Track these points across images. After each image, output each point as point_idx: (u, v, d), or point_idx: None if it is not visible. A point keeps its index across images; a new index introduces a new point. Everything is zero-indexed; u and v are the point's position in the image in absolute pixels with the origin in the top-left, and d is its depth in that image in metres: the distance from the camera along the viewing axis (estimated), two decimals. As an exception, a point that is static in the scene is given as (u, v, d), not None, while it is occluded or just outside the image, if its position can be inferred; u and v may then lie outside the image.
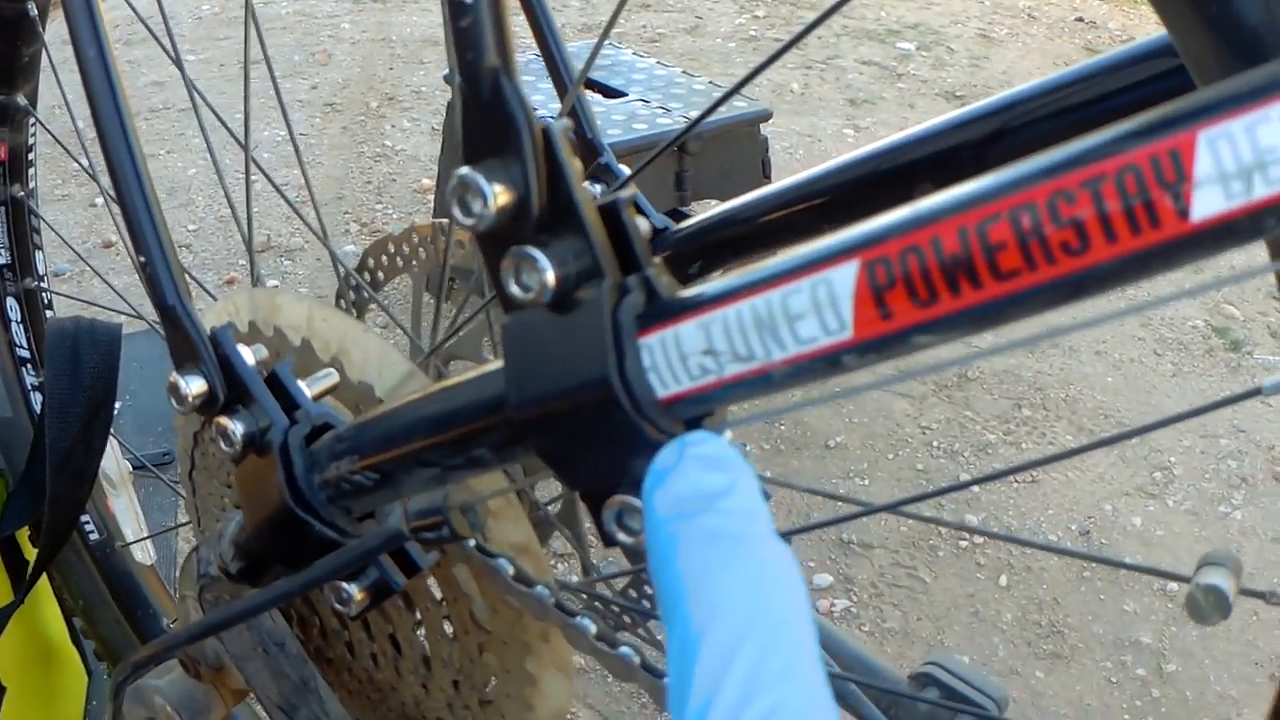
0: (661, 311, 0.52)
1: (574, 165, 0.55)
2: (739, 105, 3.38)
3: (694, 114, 3.28)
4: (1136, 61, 0.78)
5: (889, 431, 3.16)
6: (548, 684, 0.89)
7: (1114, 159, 0.40)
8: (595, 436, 0.55)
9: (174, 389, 0.81)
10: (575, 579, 1.82)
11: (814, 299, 0.46)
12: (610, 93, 3.50)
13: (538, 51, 1.10)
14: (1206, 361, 3.52)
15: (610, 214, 0.56)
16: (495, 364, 0.62)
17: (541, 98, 3.07)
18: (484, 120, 0.56)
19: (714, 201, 3.56)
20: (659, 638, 1.54)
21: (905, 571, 2.74)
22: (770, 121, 3.45)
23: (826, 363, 0.47)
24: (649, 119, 3.26)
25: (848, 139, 5.09)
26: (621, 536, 0.57)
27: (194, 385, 0.81)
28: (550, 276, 0.54)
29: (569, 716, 1.01)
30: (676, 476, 0.51)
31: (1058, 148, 0.42)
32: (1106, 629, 2.62)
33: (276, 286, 3.61)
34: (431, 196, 4.25)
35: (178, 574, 1.04)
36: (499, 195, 0.55)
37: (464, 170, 0.55)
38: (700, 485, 0.51)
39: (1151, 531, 2.91)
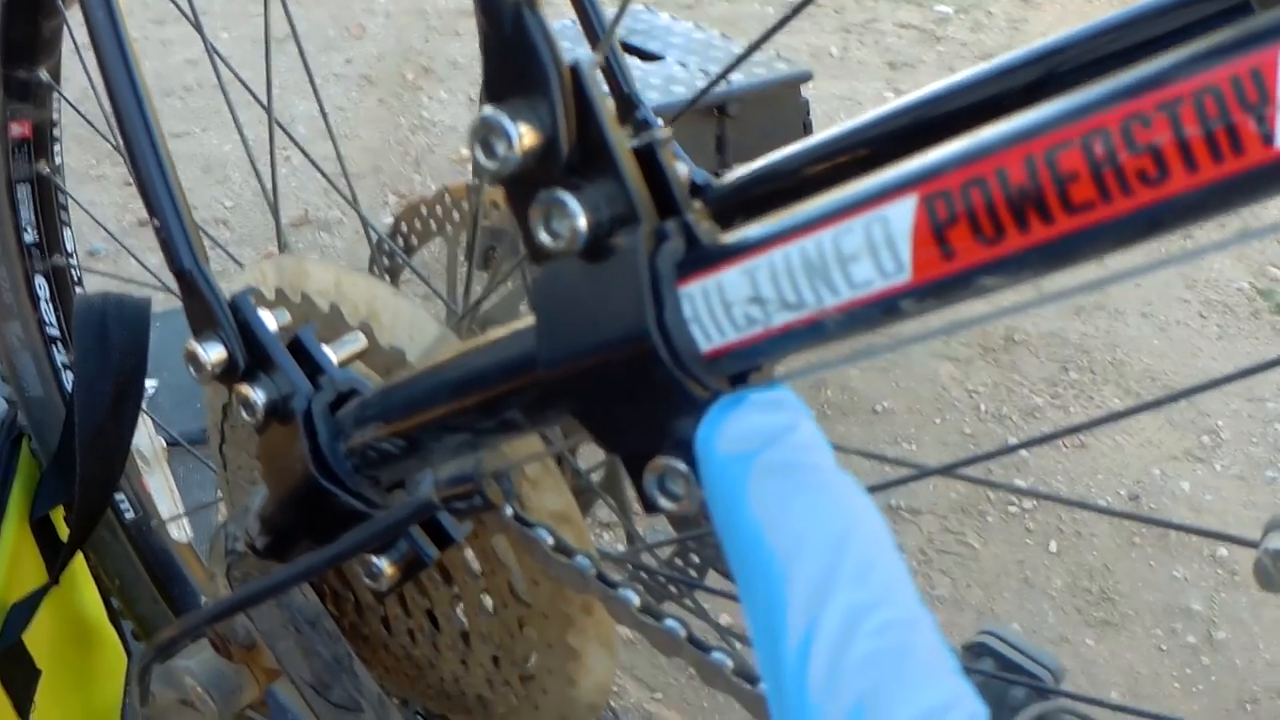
0: (703, 258, 0.49)
1: (605, 103, 0.52)
2: (779, 67, 3.34)
3: (734, 77, 3.25)
4: (1190, 3, 0.75)
5: (935, 395, 3.13)
6: (591, 658, 0.86)
7: (1191, 80, 0.36)
8: (634, 395, 0.52)
9: (192, 357, 0.78)
10: (620, 549, 1.80)
11: (869, 238, 0.43)
12: (647, 56, 3.46)
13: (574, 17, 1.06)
14: (1252, 324, 3.47)
15: (646, 156, 0.52)
16: (526, 321, 0.59)
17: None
18: (506, 56, 0.52)
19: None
20: (706, 607, 1.51)
21: (954, 538, 2.71)
22: (809, 85, 3.41)
23: (883, 308, 0.44)
24: (687, 82, 3.22)
25: (888, 102, 5.06)
26: (664, 502, 0.54)
27: (213, 352, 0.78)
28: (582, 222, 0.50)
29: (614, 689, 0.98)
30: (736, 418, 0.49)
31: (1129, 69, 0.38)
32: (1157, 595, 2.59)
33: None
34: (469, 166, 4.23)
35: (208, 551, 1.02)
36: (525, 136, 0.51)
37: (487, 110, 0.51)
38: (763, 424, 0.49)
39: (1200, 496, 2.87)
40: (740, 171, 0.93)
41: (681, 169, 0.87)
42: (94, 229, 3.16)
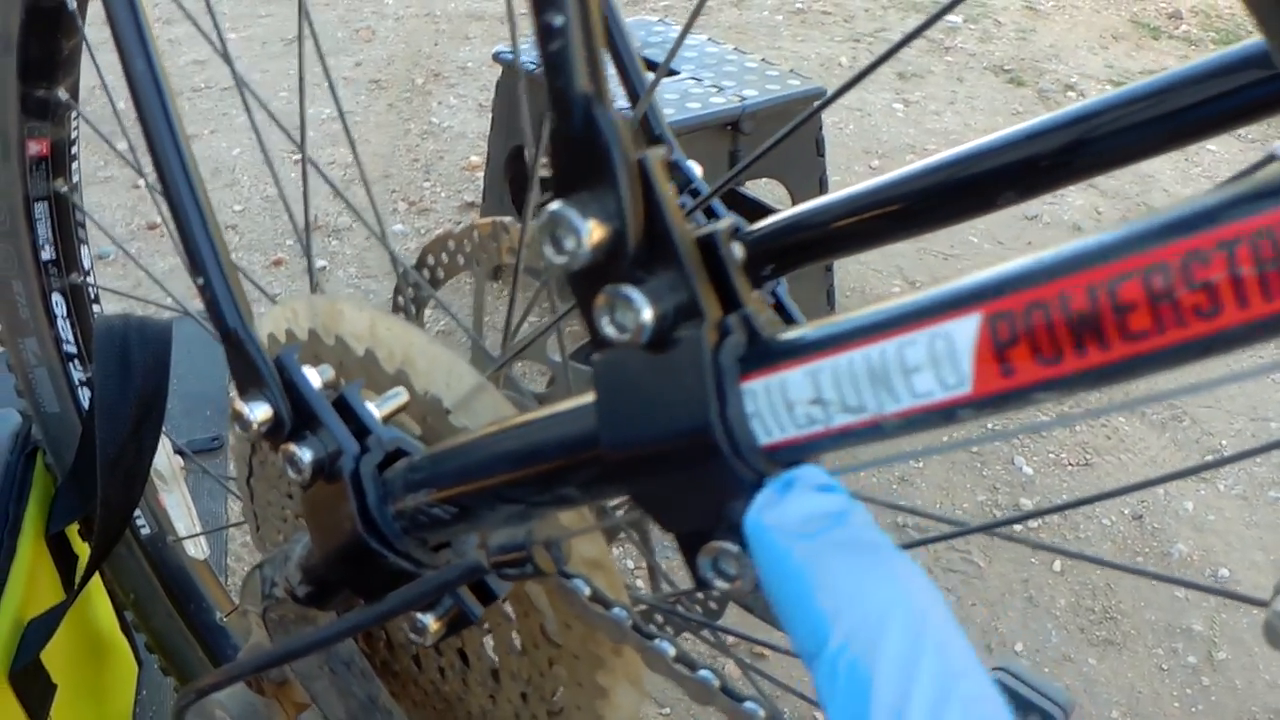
0: (766, 355, 0.50)
1: (670, 197, 0.53)
2: (793, 83, 3.35)
3: (748, 93, 3.26)
4: (1223, 72, 0.76)
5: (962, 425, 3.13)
6: (619, 695, 0.87)
7: (1250, 220, 0.37)
8: (692, 480, 0.53)
9: (238, 416, 0.79)
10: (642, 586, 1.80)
11: (932, 352, 0.44)
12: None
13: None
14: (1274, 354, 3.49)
15: (707, 247, 0.53)
16: (583, 399, 0.60)
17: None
18: (576, 151, 0.53)
19: (768, 180, 3.54)
20: (729, 645, 1.52)
21: (960, 555, 2.72)
22: (823, 97, 3.42)
23: (942, 416, 0.45)
24: (702, 98, 3.23)
25: (897, 113, 5.07)
26: (719, 582, 0.55)
27: (259, 412, 0.79)
28: (648, 316, 0.51)
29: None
30: (794, 500, 0.50)
31: (1189, 201, 0.39)
32: (1159, 615, 2.60)
33: (330, 289, 3.60)
34: (480, 174, 4.23)
35: (233, 581, 1.03)
36: (593, 231, 0.52)
37: (555, 205, 0.52)
38: (822, 506, 0.50)
39: (1203, 516, 2.88)
40: (772, 219, 0.94)
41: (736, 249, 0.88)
42: (103, 233, 3.17)
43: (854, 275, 3.78)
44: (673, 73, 3.44)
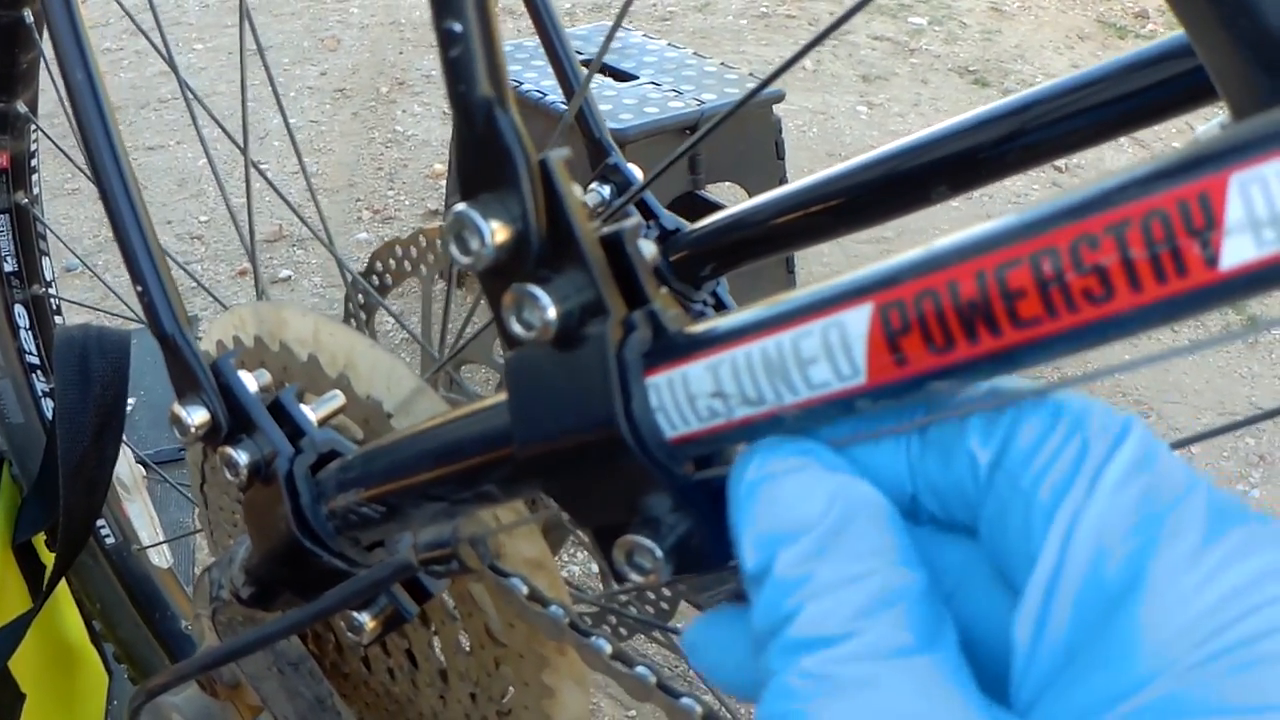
0: (669, 350, 0.50)
1: (574, 197, 0.54)
2: (751, 86, 3.36)
3: (706, 97, 3.27)
4: (1155, 62, 0.77)
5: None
6: (565, 695, 0.88)
7: (1140, 202, 0.38)
8: (602, 476, 0.54)
9: (177, 420, 0.80)
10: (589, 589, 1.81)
11: (826, 343, 0.45)
12: (621, 76, 3.48)
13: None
14: (1221, 334, 3.49)
15: (613, 245, 0.54)
16: (500, 396, 0.61)
17: (551, 82, 3.07)
18: (479, 154, 0.54)
19: (728, 184, 3.55)
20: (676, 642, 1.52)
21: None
22: (783, 100, 3.43)
23: (839, 407, 0.46)
24: (660, 103, 3.24)
25: (861, 116, 5.08)
26: (634, 575, 0.55)
27: (196, 416, 0.80)
28: (552, 314, 0.52)
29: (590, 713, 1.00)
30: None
31: (1079, 188, 0.40)
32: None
33: (282, 298, 3.60)
34: (444, 182, 4.24)
35: (192, 589, 1.03)
36: (496, 232, 0.53)
37: (460, 207, 0.53)
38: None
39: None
40: (711, 219, 0.95)
41: (647, 248, 0.89)
42: (71, 243, 3.18)
43: (816, 277, 3.79)
44: (631, 77, 3.45)
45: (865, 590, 0.43)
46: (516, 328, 0.54)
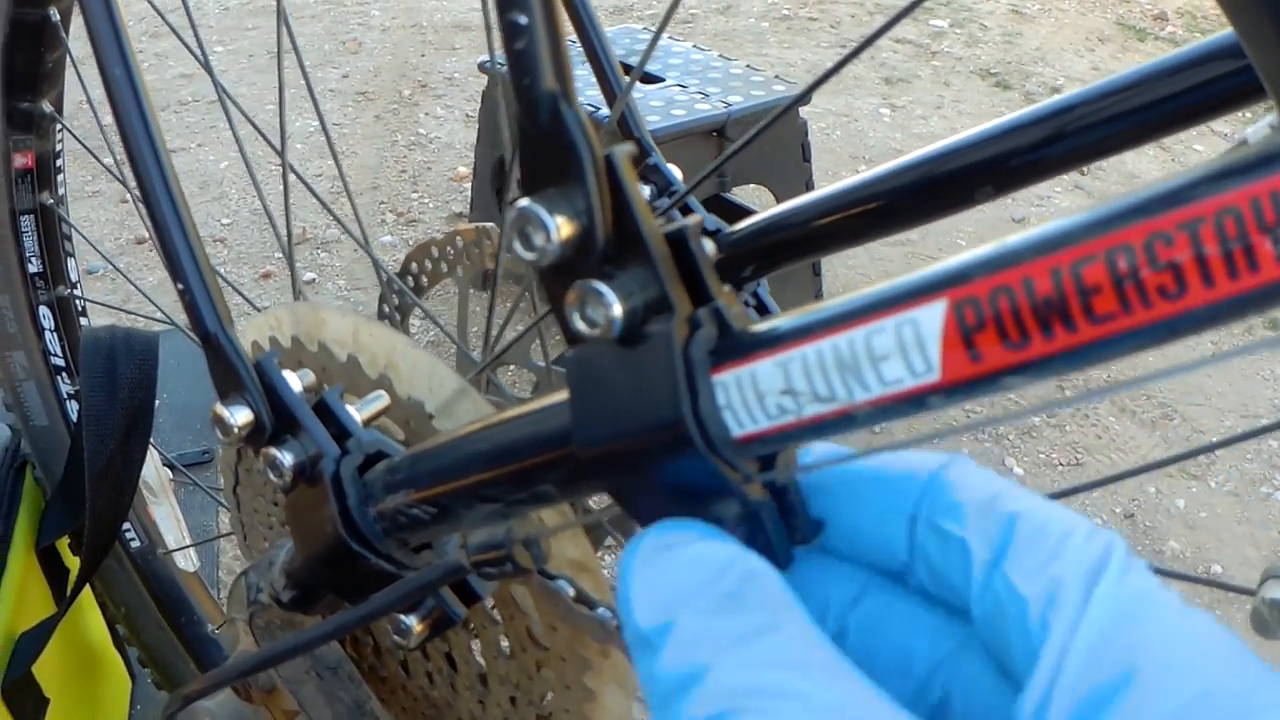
0: (736, 347, 0.50)
1: (638, 193, 0.53)
2: (778, 89, 3.36)
3: (733, 99, 3.27)
4: (1198, 63, 0.76)
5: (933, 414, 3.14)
6: (608, 698, 0.88)
7: (1213, 199, 0.37)
8: (668, 475, 0.53)
9: (219, 420, 0.79)
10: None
11: (899, 339, 0.44)
12: (647, 78, 3.48)
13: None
14: (1245, 339, 3.48)
15: (677, 242, 0.53)
16: (558, 396, 0.60)
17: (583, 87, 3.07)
18: (543, 148, 0.54)
19: (754, 186, 3.55)
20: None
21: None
22: (808, 103, 3.43)
23: (912, 404, 0.45)
24: (687, 105, 3.24)
25: (884, 118, 5.08)
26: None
27: (239, 416, 0.79)
28: (617, 311, 0.51)
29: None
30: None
31: (1149, 185, 0.40)
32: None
33: (317, 299, 3.60)
34: (468, 185, 4.24)
35: (225, 594, 1.03)
36: (562, 227, 0.52)
37: (523, 202, 0.53)
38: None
39: (1195, 514, 2.89)
40: (752, 220, 0.94)
41: (707, 245, 0.88)
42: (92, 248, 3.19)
43: (842, 279, 3.79)
44: (658, 79, 3.45)
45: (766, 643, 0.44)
46: (580, 325, 0.53)
